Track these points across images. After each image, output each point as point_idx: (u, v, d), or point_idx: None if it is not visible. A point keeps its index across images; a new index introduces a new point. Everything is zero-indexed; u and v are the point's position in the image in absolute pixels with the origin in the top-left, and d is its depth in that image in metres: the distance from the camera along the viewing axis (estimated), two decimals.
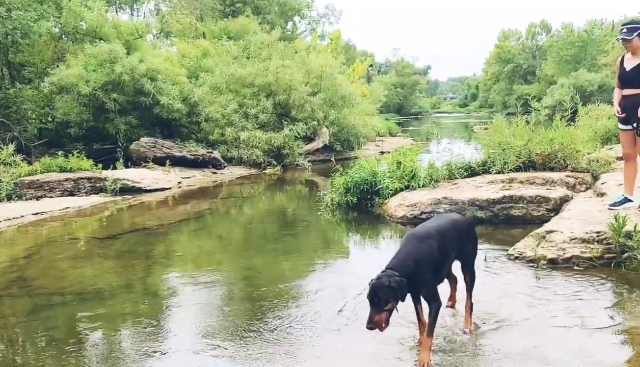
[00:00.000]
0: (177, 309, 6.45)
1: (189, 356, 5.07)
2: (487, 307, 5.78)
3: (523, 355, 4.73)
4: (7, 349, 5.57)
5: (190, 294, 6.92)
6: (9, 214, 12.63)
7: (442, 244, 4.72)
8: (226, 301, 6.64)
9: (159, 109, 21.59)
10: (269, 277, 7.57)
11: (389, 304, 4.24)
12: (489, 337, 5.10)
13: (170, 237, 10.92)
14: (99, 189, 15.86)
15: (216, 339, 5.37)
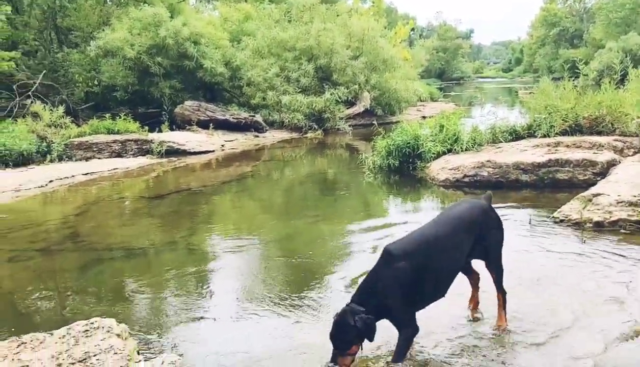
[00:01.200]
0: (218, 272, 6.51)
1: (230, 323, 4.98)
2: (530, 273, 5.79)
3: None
4: (60, 300, 5.82)
5: (231, 257, 6.99)
6: (60, 174, 13.04)
7: (425, 261, 3.85)
8: (266, 266, 6.62)
9: (202, 72, 21.74)
10: (308, 241, 7.60)
11: (354, 347, 3.65)
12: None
13: (213, 199, 11.12)
14: (145, 151, 16.19)
15: (255, 305, 5.32)
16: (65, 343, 3.76)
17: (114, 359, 3.42)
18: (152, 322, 5.01)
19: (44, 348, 3.75)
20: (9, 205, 10.51)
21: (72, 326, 3.99)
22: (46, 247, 7.65)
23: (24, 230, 8.59)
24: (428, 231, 4.07)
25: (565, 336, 4.33)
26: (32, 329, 4.42)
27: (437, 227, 4.08)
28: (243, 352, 4.25)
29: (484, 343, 4.25)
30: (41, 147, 14.69)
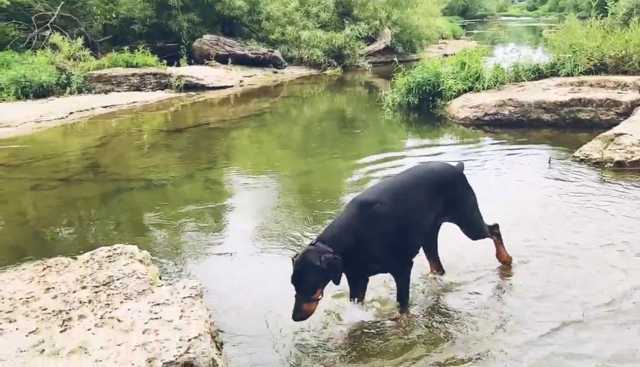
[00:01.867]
0: (235, 207, 6.51)
1: (247, 259, 4.98)
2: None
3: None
4: (82, 227, 5.96)
5: (249, 193, 7.00)
6: (80, 106, 13.10)
7: (400, 207, 3.73)
8: (283, 203, 6.60)
9: (221, 6, 21.40)
10: (325, 177, 7.60)
11: (319, 291, 3.42)
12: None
13: (231, 134, 11.15)
14: (164, 85, 16.16)
15: (272, 242, 5.31)
16: (89, 267, 3.87)
17: (137, 283, 3.51)
18: (171, 253, 5.11)
19: (68, 272, 3.86)
20: (30, 136, 10.63)
21: (96, 251, 4.09)
22: (68, 177, 7.76)
23: (45, 160, 8.72)
24: (394, 180, 4.02)
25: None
26: (55, 254, 4.55)
27: (405, 178, 3.99)
28: (259, 288, 4.32)
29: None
30: (61, 79, 14.72)
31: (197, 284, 3.43)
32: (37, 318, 3.23)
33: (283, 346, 3.57)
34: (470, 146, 8.93)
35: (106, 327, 3.05)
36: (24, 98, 13.61)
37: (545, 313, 3.82)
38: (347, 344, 3.58)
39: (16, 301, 3.46)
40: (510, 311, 3.88)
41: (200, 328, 2.95)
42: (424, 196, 3.89)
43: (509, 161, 7.79)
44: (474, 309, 3.96)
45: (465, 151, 8.55)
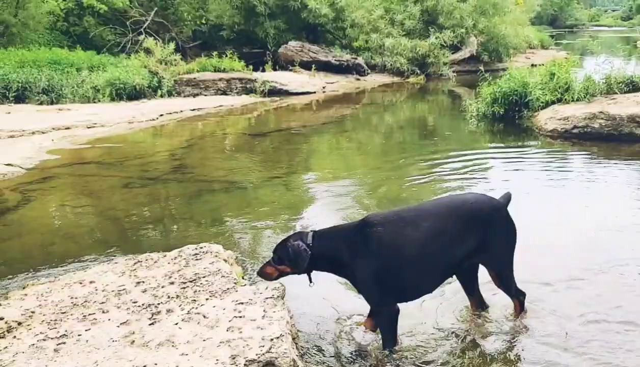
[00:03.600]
0: (313, 211, 6.52)
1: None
2: None
3: None
4: (168, 225, 6.19)
5: (327, 198, 7.01)
6: (169, 109, 13.62)
7: (403, 238, 3.42)
8: (360, 210, 6.46)
9: (306, 13, 21.71)
10: (403, 187, 7.43)
11: (283, 266, 3.57)
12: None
13: (312, 139, 11.29)
14: (249, 89, 16.55)
15: None
16: (177, 264, 4.03)
17: (222, 282, 3.63)
18: (252, 253, 5.23)
19: (157, 267, 4.04)
20: (123, 135, 11.14)
21: (183, 249, 4.25)
22: (157, 177, 8.09)
23: (136, 159, 9.11)
24: (417, 208, 3.72)
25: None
26: (144, 250, 4.76)
27: (427, 208, 3.68)
28: (337, 293, 4.32)
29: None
30: (152, 82, 15.34)
31: (278, 286, 3.51)
32: (128, 310, 3.40)
33: (356, 353, 3.59)
34: (557, 159, 8.68)
35: (192, 322, 3.17)
36: (117, 99, 14.32)
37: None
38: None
39: (109, 293, 3.65)
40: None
41: (282, 329, 3.03)
42: (448, 230, 3.47)
43: (598, 176, 7.50)
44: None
45: (551, 164, 8.32)
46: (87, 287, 3.78)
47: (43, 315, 3.42)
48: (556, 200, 6.56)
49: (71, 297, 3.65)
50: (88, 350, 2.98)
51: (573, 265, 4.66)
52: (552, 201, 6.52)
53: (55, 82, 14.25)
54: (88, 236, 5.77)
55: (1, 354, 3.01)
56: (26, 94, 13.90)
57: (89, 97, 14.12)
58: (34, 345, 3.07)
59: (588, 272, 4.54)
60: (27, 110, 12.81)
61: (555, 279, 4.43)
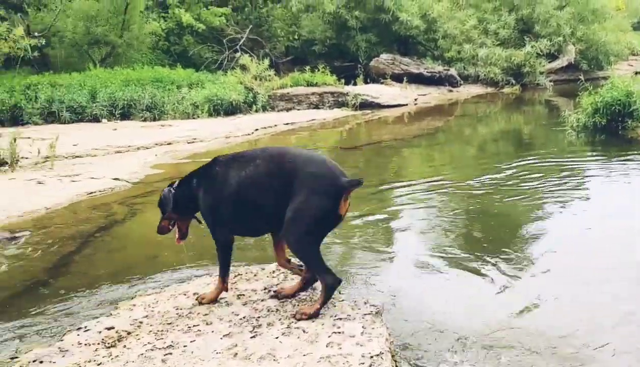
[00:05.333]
0: (407, 224, 6.41)
1: (421, 276, 4.91)
2: None
3: None
4: (266, 237, 6.27)
5: (420, 211, 6.87)
6: (264, 123, 13.99)
7: (239, 176, 3.62)
8: (454, 224, 6.36)
9: (398, 25, 21.72)
10: (498, 202, 7.09)
11: (167, 214, 3.88)
12: None
13: (403, 152, 11.23)
14: (340, 103, 16.73)
15: (444, 262, 5.15)
16: (275, 278, 4.14)
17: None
18: (347, 268, 5.23)
19: (256, 280, 4.15)
20: (220, 150, 11.47)
21: None
22: None
23: None
24: (252, 153, 3.81)
25: None
26: (240, 262, 4.89)
27: (259, 154, 3.75)
28: (438, 307, 4.27)
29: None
30: (248, 98, 15.82)
31: (377, 302, 3.53)
32: (230, 322, 3.51)
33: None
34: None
35: (292, 336, 3.23)
36: (215, 115, 14.87)
37: None
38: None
39: (212, 306, 3.78)
40: None
41: (382, 346, 3.03)
42: (275, 176, 3.55)
43: None
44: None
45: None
46: (191, 299, 3.94)
47: (150, 325, 3.59)
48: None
49: (176, 308, 3.81)
50: (194, 361, 3.09)
51: None
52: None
53: (157, 99, 14.98)
54: (188, 249, 5.99)
55: (113, 362, 3.18)
56: (131, 111, 14.68)
57: (188, 114, 14.74)
58: (142, 354, 3.22)
59: None
60: (132, 126, 13.54)
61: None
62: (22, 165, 9.13)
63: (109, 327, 3.62)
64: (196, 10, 22.10)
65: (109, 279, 5.04)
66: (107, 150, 10.66)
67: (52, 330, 4.00)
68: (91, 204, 7.47)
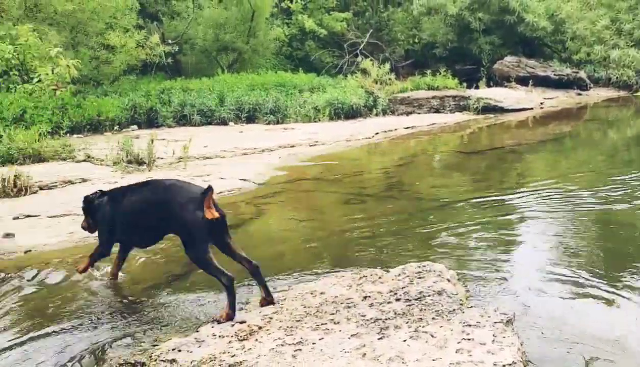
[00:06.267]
0: (528, 234, 6.19)
1: (546, 289, 4.67)
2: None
3: None
4: (390, 241, 6.29)
5: (541, 221, 6.60)
6: (384, 127, 14.06)
7: (116, 210, 4.60)
8: (578, 237, 5.94)
9: (523, 27, 21.03)
10: (628, 217, 6.60)
11: (87, 217, 4.89)
12: None
13: (527, 158, 10.90)
14: (462, 107, 16.50)
15: (571, 276, 4.85)
16: (400, 281, 4.15)
17: (448, 302, 3.67)
18: (472, 274, 5.12)
19: (381, 283, 4.19)
20: (341, 153, 11.68)
21: (406, 266, 4.36)
22: (374, 194, 8.36)
23: (355, 176, 9.52)
24: (132, 188, 4.70)
25: None
26: (362, 264, 5.01)
27: (143, 188, 4.63)
28: (573, 320, 4.08)
29: None
30: (368, 102, 15.96)
31: (508, 310, 3.46)
32: (357, 323, 3.57)
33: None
34: None
35: (420, 340, 3.24)
36: (336, 118, 15.10)
37: None
38: None
39: (338, 305, 3.87)
40: None
41: (514, 355, 2.97)
42: (147, 207, 4.41)
43: None
44: None
45: None
46: (318, 298, 4.04)
47: (280, 321, 3.72)
48: None
49: (304, 306, 3.93)
50: (323, 359, 3.18)
51: None
52: None
53: (280, 103, 15.44)
54: (313, 249, 6.13)
55: (246, 354, 3.33)
56: (256, 115, 15.24)
57: (310, 117, 15.07)
58: (273, 349, 3.34)
59: None
60: (257, 129, 14.06)
61: None
62: (158, 165, 9.74)
63: (241, 321, 3.79)
64: (318, 16, 22.55)
65: (239, 275, 5.26)
66: (234, 152, 11.13)
67: (188, 321, 4.23)
68: (221, 203, 7.69)
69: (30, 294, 4.88)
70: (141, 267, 5.56)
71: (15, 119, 11.52)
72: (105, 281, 5.07)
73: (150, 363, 3.41)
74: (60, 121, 12.09)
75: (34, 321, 4.35)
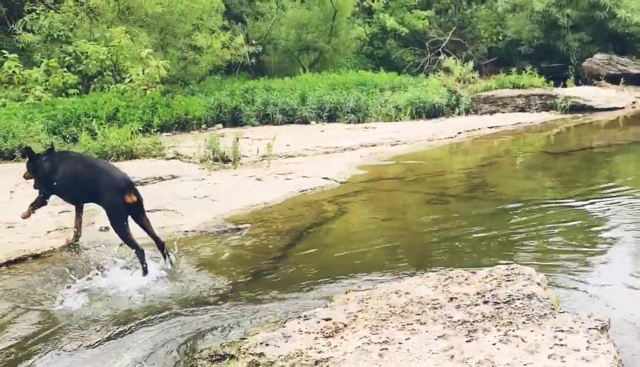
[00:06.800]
0: (615, 236, 5.96)
1: (622, 302, 4.43)
2: None
3: None
4: (474, 242, 6.20)
5: (629, 222, 6.37)
6: (467, 127, 13.84)
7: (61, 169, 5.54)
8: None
9: (615, 23, 20.14)
10: None
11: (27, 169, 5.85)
12: None
13: (616, 159, 10.53)
14: (548, 106, 16.08)
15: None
16: (488, 283, 4.08)
17: (538, 306, 3.58)
18: (563, 278, 4.99)
19: (468, 284, 4.13)
20: (423, 153, 11.59)
21: (494, 268, 4.28)
22: (457, 194, 8.26)
23: (437, 176, 9.43)
24: (74, 157, 5.85)
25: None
26: (445, 265, 4.93)
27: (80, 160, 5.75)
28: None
29: None
30: (450, 101, 15.75)
31: (603, 317, 3.35)
32: (444, 324, 3.54)
33: None
34: None
35: (511, 345, 3.18)
36: (417, 118, 14.99)
37: None
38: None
39: (424, 305, 3.85)
40: None
41: (610, 363, 2.87)
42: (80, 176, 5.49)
43: None
44: None
45: None
46: (403, 298, 4.03)
47: (365, 320, 3.74)
48: None
49: (389, 305, 3.93)
50: (410, 359, 3.17)
51: None
52: None
53: (361, 102, 15.46)
54: (395, 248, 6.13)
55: (332, 351, 3.36)
56: (336, 114, 15.31)
57: (391, 116, 15.02)
58: (359, 347, 3.36)
59: None
60: (338, 128, 14.14)
61: None
62: (243, 163, 9.97)
63: (326, 318, 3.83)
64: (400, 14, 22.41)
65: (322, 273, 5.34)
66: (316, 151, 11.24)
67: (274, 316, 4.33)
68: (304, 201, 7.94)
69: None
70: (228, 261, 5.73)
71: (109, 117, 12.06)
72: (193, 277, 5.25)
73: (239, 356, 3.49)
74: (151, 120, 12.55)
75: (129, 313, 4.55)
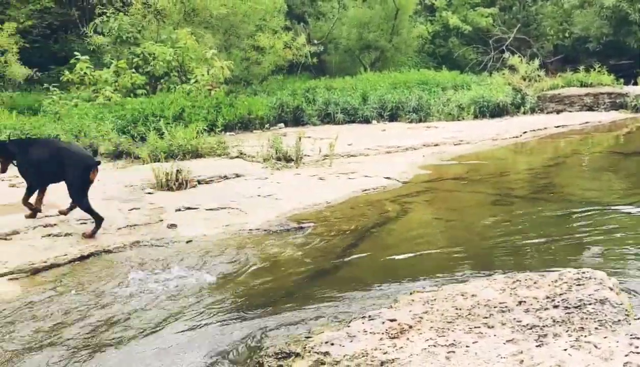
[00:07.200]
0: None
1: None
2: None
3: None
4: (541, 244, 6.04)
5: None
6: (532, 126, 13.54)
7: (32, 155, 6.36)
8: None
9: None
10: None
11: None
12: None
13: None
14: (618, 105, 15.59)
15: None
16: (558, 287, 3.98)
17: (612, 312, 3.47)
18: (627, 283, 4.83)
19: (536, 288, 4.04)
20: (486, 152, 11.40)
21: (564, 272, 4.17)
22: (524, 195, 8.09)
23: (502, 176, 9.27)
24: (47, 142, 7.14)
25: None
26: (511, 267, 4.91)
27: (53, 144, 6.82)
28: None
29: None
30: (515, 99, 15.44)
31: None
32: (512, 328, 3.47)
33: None
34: None
35: (583, 351, 3.10)
36: (480, 117, 14.75)
37: None
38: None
39: (491, 308, 3.78)
40: None
41: None
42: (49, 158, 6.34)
43: None
44: None
45: None
46: (469, 300, 3.98)
47: (431, 321, 3.71)
48: None
49: (455, 308, 3.88)
50: (478, 363, 3.13)
51: None
52: None
53: (423, 101, 15.33)
54: (459, 250, 6.06)
55: (398, 352, 3.35)
56: (398, 113, 15.23)
57: (453, 115, 14.83)
58: (425, 349, 3.33)
59: None
60: (399, 127, 14.06)
61: None
62: (305, 162, 10.04)
63: (391, 319, 3.82)
64: (463, 12, 22.10)
65: (386, 273, 5.33)
66: (378, 150, 11.21)
67: (338, 316, 4.34)
68: (366, 200, 7.94)
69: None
70: (291, 260, 5.79)
71: (175, 117, 12.37)
72: (258, 275, 5.32)
73: (305, 354, 3.52)
74: (215, 119, 12.79)
75: (196, 309, 4.65)
